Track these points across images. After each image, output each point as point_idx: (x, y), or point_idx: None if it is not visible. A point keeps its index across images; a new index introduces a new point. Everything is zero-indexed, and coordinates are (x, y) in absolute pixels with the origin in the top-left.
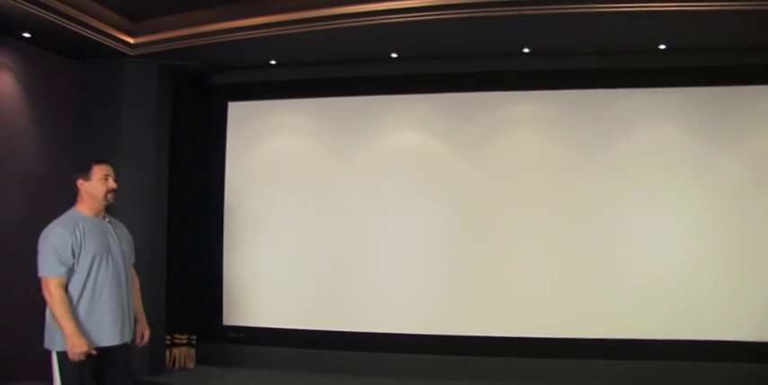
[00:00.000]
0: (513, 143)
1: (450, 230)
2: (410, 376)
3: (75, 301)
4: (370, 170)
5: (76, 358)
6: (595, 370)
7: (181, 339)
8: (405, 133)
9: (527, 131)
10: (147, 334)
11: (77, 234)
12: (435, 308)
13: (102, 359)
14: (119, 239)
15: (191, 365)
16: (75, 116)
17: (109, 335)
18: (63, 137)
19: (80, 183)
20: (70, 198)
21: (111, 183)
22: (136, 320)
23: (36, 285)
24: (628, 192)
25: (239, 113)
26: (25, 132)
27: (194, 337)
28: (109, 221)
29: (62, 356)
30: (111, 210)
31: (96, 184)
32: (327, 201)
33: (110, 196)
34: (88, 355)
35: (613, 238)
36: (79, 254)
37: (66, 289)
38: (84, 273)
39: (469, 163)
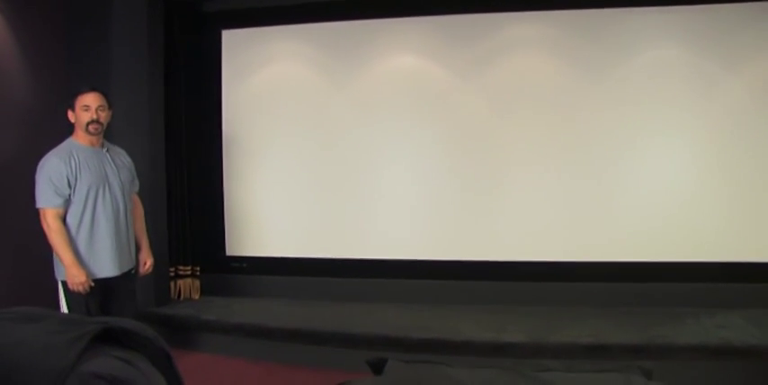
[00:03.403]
0: (514, 66)
1: (450, 155)
2: (413, 301)
3: (74, 232)
4: (368, 95)
5: (76, 288)
6: (600, 293)
7: (185, 271)
8: (402, 57)
9: (527, 53)
10: (149, 262)
11: (72, 163)
12: (437, 233)
13: (105, 289)
14: (117, 169)
15: (196, 296)
16: (65, 48)
17: (108, 266)
18: (54, 69)
19: (69, 113)
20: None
21: (91, 114)
22: (139, 249)
23: (37, 217)
24: (630, 113)
25: (233, 41)
26: (14, 66)
27: (198, 269)
28: (107, 150)
29: (67, 285)
30: (110, 140)
31: (78, 115)
32: (326, 128)
33: (91, 127)
34: (88, 286)
35: (616, 160)
36: (75, 184)
37: (64, 219)
38: (81, 204)
39: (469, 86)
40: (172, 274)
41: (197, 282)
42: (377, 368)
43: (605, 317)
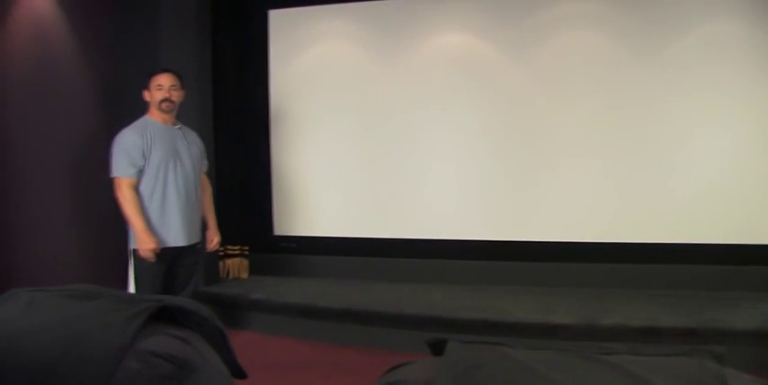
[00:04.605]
0: (562, 44)
1: (498, 134)
2: (461, 282)
3: (146, 201)
4: (416, 74)
5: (146, 255)
6: (650, 275)
7: (233, 250)
8: (449, 36)
9: (576, 31)
10: (216, 239)
11: (147, 137)
12: (484, 213)
13: (171, 259)
14: (188, 145)
15: (244, 275)
16: (114, 32)
17: (178, 235)
18: (104, 53)
19: (145, 92)
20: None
21: (163, 93)
22: (206, 226)
23: (110, 191)
24: (683, 93)
25: (280, 21)
26: (67, 50)
27: (246, 248)
28: (179, 128)
29: (137, 253)
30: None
31: (152, 94)
32: (374, 107)
33: (163, 105)
34: (157, 253)
35: (668, 140)
36: (149, 155)
37: (137, 189)
38: (153, 175)
39: (517, 65)
40: (221, 254)
41: (245, 262)
42: (437, 349)
43: (655, 300)
